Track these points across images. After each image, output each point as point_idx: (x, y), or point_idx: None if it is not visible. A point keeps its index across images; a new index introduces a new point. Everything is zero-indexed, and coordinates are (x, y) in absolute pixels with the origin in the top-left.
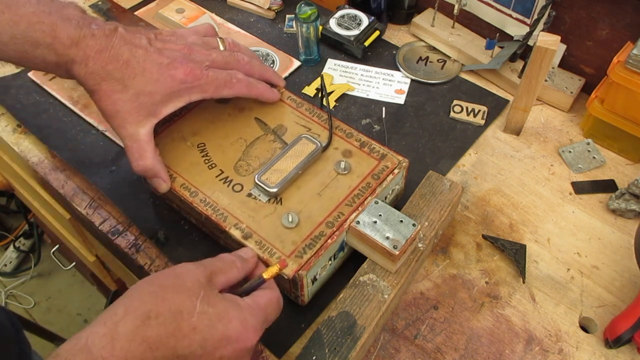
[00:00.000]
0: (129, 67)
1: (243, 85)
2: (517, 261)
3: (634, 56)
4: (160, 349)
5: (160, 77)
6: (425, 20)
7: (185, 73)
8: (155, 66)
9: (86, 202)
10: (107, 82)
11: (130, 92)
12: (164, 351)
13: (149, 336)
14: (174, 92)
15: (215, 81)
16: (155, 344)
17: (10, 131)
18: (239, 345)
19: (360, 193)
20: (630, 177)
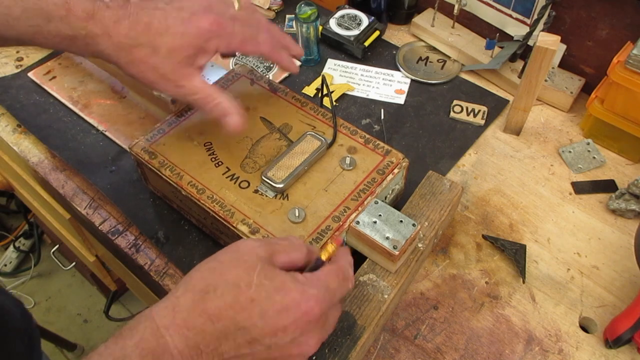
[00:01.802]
0: (151, 28)
1: (268, 45)
2: (517, 261)
3: (634, 56)
4: (220, 320)
5: (186, 30)
6: (425, 20)
7: (209, 22)
8: (178, 21)
9: (86, 202)
10: (137, 50)
11: (162, 52)
12: (224, 322)
13: (208, 308)
14: (203, 43)
15: (240, 34)
16: (214, 315)
17: (10, 131)
18: (300, 315)
19: (366, 188)
20: (630, 177)
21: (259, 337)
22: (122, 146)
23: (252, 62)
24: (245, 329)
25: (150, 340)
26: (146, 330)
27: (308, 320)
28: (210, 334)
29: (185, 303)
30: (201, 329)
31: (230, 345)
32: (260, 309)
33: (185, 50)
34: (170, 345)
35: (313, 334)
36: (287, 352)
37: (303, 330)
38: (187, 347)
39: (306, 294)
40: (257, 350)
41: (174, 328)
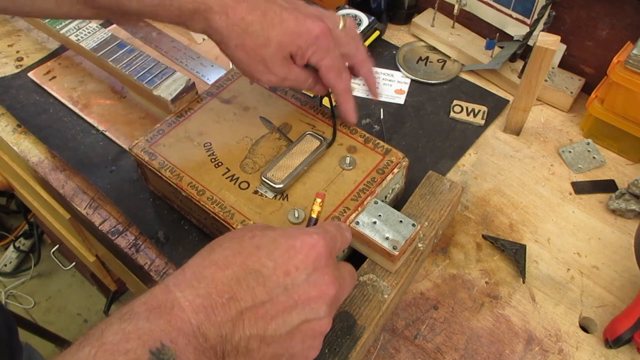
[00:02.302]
0: (266, 17)
1: (342, 85)
2: (517, 261)
3: (634, 56)
4: (229, 267)
5: (298, 28)
6: (425, 20)
7: (320, 29)
8: (292, 18)
9: (86, 202)
10: (249, 37)
11: (273, 45)
12: (234, 268)
13: (215, 259)
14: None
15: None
16: (223, 263)
17: (10, 131)
18: (307, 250)
19: (366, 188)
20: (630, 177)
21: (273, 278)
22: (122, 146)
23: None
24: (257, 271)
25: (158, 296)
26: (155, 289)
27: (317, 254)
28: (221, 282)
29: (193, 262)
30: (211, 278)
31: (245, 292)
32: (267, 251)
33: (291, 47)
34: (180, 298)
35: (327, 271)
36: (306, 294)
37: (315, 265)
38: (198, 297)
39: (308, 233)
40: (276, 295)
41: (184, 283)
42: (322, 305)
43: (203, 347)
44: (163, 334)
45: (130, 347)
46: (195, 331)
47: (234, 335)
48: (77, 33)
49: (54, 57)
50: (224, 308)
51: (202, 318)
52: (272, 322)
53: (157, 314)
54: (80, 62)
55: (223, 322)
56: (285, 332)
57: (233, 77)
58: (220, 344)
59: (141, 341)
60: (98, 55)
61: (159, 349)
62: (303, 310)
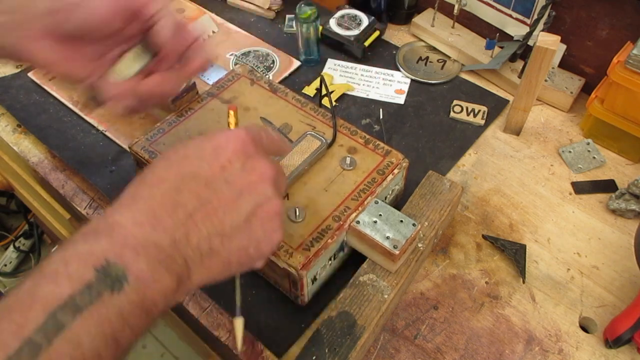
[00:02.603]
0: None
1: None
2: (517, 261)
3: (634, 56)
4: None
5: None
6: (425, 20)
7: None
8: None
9: (86, 202)
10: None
11: None
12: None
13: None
14: None
15: None
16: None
17: (10, 131)
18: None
19: (366, 188)
20: (630, 177)
21: (210, 175)
22: (122, 146)
23: (252, 62)
24: (192, 173)
25: (96, 221)
26: (95, 219)
27: (243, 143)
28: (160, 196)
29: (127, 190)
30: (149, 196)
31: (188, 196)
32: (196, 156)
33: None
34: (119, 219)
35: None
36: (247, 180)
37: (246, 153)
38: (138, 213)
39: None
40: (219, 190)
41: (121, 207)
42: (266, 187)
43: (158, 258)
44: (106, 251)
45: (72, 269)
46: (144, 243)
47: (190, 238)
48: None
49: None
50: (170, 216)
51: (148, 230)
52: (225, 216)
53: (96, 236)
54: None
55: (174, 228)
56: (242, 222)
57: (234, 78)
58: (178, 250)
59: (82, 262)
60: None
61: (104, 266)
62: (250, 195)
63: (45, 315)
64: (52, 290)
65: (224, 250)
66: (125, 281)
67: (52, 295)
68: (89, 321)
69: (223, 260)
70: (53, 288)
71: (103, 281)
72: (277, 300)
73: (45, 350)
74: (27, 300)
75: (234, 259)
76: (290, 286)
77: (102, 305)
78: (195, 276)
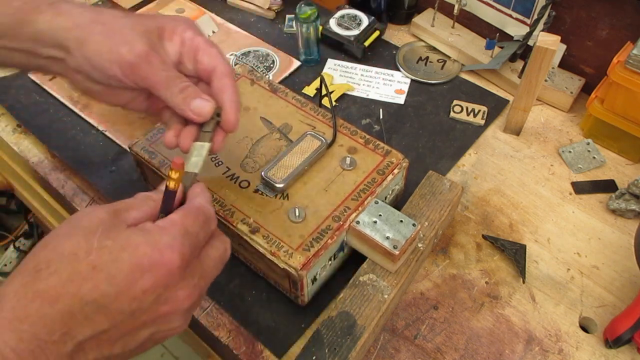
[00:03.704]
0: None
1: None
2: (517, 261)
3: (634, 56)
4: (59, 300)
5: None
6: (425, 20)
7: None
8: None
9: (86, 202)
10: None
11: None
12: (65, 301)
13: (41, 289)
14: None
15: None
16: (51, 296)
17: (10, 131)
18: (157, 272)
19: (366, 188)
20: (630, 177)
21: (114, 306)
22: (122, 146)
23: (252, 62)
24: (95, 301)
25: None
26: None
27: (168, 272)
28: (51, 320)
29: (11, 289)
30: (38, 317)
31: (81, 325)
32: (107, 275)
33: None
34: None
35: (181, 285)
36: (155, 313)
37: (166, 284)
38: (22, 342)
39: (158, 245)
40: (120, 321)
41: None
42: (175, 317)
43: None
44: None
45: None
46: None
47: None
48: None
49: None
50: (56, 346)
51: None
52: (117, 344)
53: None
54: None
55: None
56: (134, 346)
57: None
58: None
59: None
60: None
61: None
62: (153, 325)
63: None
64: None
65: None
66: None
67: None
68: None
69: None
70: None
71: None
72: (277, 300)
73: None
74: None
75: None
76: (290, 286)
77: None
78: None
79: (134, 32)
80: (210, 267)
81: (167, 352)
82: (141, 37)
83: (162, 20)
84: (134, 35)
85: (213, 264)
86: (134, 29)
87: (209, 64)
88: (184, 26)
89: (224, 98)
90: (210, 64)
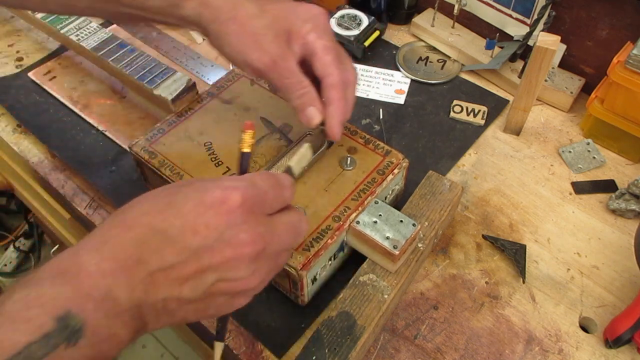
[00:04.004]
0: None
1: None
2: (517, 261)
3: (634, 56)
4: (134, 228)
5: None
6: (425, 20)
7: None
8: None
9: (86, 202)
10: (243, 8)
11: (268, 17)
12: (139, 230)
13: (121, 220)
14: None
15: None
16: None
17: (10, 131)
18: (219, 208)
19: (366, 188)
20: (630, 177)
21: (180, 238)
22: (122, 146)
23: None
24: (163, 232)
25: (65, 260)
26: (64, 252)
27: (229, 210)
28: (127, 243)
29: (105, 223)
30: (117, 240)
31: (151, 254)
32: (177, 210)
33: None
34: (86, 262)
35: (243, 228)
36: (219, 254)
37: (227, 223)
38: (104, 260)
39: (224, 185)
40: (186, 257)
41: (90, 245)
42: (240, 265)
43: (115, 311)
44: (69, 300)
45: (32, 314)
46: (105, 296)
47: (147, 297)
48: (77, 33)
49: (54, 57)
50: (131, 271)
51: (111, 281)
52: (185, 285)
53: (62, 279)
54: (80, 62)
55: (133, 285)
56: (201, 292)
57: (234, 78)
58: (136, 307)
59: (44, 308)
60: (98, 55)
61: (63, 317)
62: (217, 270)
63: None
64: (9, 336)
65: (179, 311)
66: (81, 335)
67: (8, 342)
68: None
69: (179, 318)
70: (10, 334)
71: (61, 333)
72: (277, 300)
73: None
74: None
75: (191, 317)
76: (290, 286)
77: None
78: (151, 326)
79: (265, 38)
80: (281, 230)
81: (167, 352)
82: (271, 43)
83: (293, 18)
84: (264, 41)
85: (284, 227)
86: (265, 34)
87: (320, 72)
88: (310, 27)
89: (328, 110)
90: (321, 72)
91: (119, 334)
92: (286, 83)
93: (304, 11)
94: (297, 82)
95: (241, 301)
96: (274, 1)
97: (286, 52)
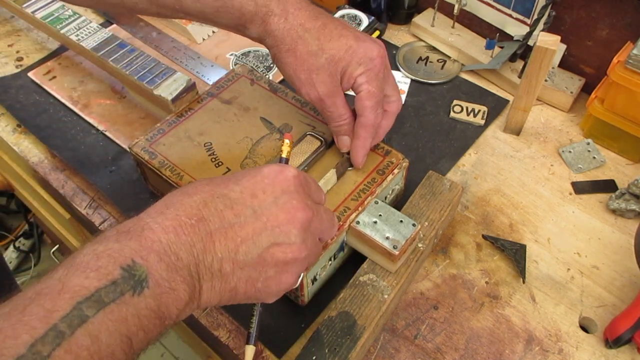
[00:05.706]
0: (326, 28)
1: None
2: (517, 261)
3: (634, 56)
4: (197, 193)
5: (355, 45)
6: (425, 20)
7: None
8: (352, 35)
9: (86, 202)
10: (303, 43)
11: (325, 56)
12: (202, 194)
13: (185, 189)
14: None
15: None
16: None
17: (10, 131)
18: (275, 178)
19: (366, 188)
20: (630, 177)
21: (240, 200)
22: (122, 146)
23: (252, 62)
24: (224, 195)
25: (128, 223)
26: (128, 220)
27: (284, 179)
28: (189, 205)
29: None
30: (180, 204)
31: (212, 214)
32: (235, 179)
33: (343, 63)
34: (149, 222)
35: (296, 196)
36: (275, 217)
37: (283, 189)
38: (167, 220)
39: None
40: (244, 217)
41: (153, 211)
42: (292, 230)
43: (176, 266)
44: (133, 252)
45: (101, 264)
46: (167, 249)
47: (205, 256)
48: (77, 33)
49: (54, 57)
50: (193, 228)
51: (172, 237)
52: (242, 245)
53: (127, 236)
54: (80, 62)
55: (193, 242)
56: (256, 255)
57: (234, 78)
58: (194, 264)
59: (112, 259)
60: (98, 55)
61: (129, 266)
62: (272, 232)
63: (71, 305)
64: (80, 282)
65: (233, 276)
66: (146, 285)
67: (80, 286)
68: (109, 318)
69: (230, 286)
70: (82, 280)
71: (127, 281)
72: (277, 300)
73: (67, 339)
74: (57, 287)
75: (241, 289)
76: None
77: (122, 304)
78: (204, 294)
79: (318, 78)
80: (322, 213)
81: (167, 352)
82: (322, 83)
83: (348, 59)
84: (316, 81)
85: (325, 213)
86: (318, 74)
87: (358, 112)
88: (362, 70)
89: (354, 143)
90: (359, 112)
91: (179, 289)
92: (328, 115)
93: (362, 53)
94: (338, 116)
95: (288, 278)
96: (336, 37)
97: (334, 90)
